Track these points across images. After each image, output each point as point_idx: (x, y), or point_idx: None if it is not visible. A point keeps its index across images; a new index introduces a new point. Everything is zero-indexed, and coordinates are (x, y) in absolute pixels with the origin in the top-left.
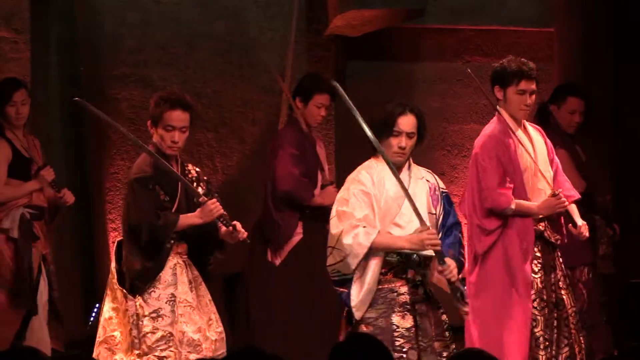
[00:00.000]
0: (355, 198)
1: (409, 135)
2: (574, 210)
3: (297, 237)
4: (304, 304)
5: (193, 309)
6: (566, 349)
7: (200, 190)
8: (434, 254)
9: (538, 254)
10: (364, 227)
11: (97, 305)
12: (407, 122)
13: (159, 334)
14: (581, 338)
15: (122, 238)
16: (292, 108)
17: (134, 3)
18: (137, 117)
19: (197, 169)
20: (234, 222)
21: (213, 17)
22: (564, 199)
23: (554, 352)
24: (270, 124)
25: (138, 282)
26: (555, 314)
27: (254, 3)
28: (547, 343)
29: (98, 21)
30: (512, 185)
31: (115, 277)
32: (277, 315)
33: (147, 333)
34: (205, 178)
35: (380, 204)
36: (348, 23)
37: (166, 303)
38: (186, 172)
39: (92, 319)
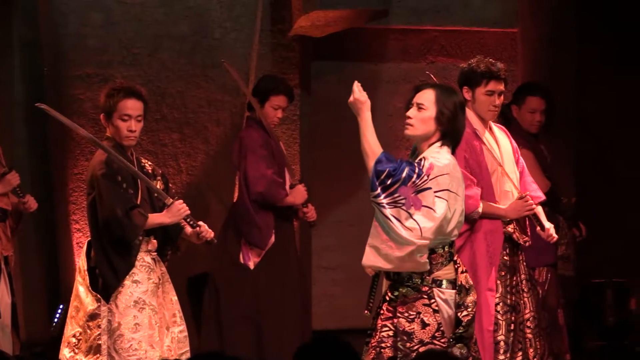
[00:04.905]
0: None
1: (418, 106)
2: (540, 212)
3: (272, 238)
4: (275, 305)
5: (155, 314)
6: (519, 353)
7: (158, 185)
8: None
9: (505, 258)
10: None
11: (61, 305)
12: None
13: (128, 343)
14: (537, 342)
15: (90, 238)
16: (251, 108)
17: (97, 3)
18: None
19: (150, 163)
20: (200, 223)
21: (177, 17)
22: (531, 201)
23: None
24: (235, 125)
25: (110, 281)
26: (513, 317)
27: (218, 3)
28: (506, 347)
29: (61, 21)
30: (480, 188)
31: (87, 278)
32: (249, 317)
33: (117, 340)
34: (160, 172)
35: None
36: (312, 23)
37: (138, 310)
38: (142, 166)
39: (56, 319)
